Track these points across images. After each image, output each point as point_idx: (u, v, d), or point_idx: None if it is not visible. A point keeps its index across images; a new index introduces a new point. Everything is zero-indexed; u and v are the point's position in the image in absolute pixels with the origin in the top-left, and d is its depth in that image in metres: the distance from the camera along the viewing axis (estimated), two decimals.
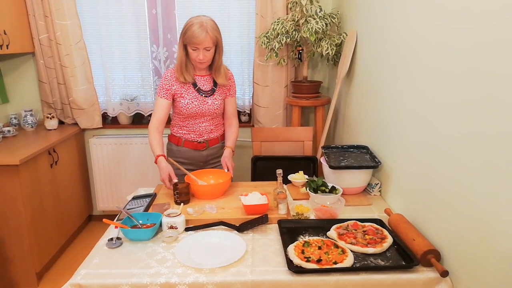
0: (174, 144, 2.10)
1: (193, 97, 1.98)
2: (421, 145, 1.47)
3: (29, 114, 2.87)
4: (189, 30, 1.84)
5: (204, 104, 2.00)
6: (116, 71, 2.99)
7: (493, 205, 1.07)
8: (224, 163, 1.98)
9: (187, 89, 1.98)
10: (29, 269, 2.41)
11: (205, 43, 1.84)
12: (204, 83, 2.01)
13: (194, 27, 1.82)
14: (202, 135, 2.07)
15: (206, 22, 1.84)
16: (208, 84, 2.02)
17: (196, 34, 1.81)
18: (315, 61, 3.01)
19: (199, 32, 1.81)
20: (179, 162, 2.04)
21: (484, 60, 1.09)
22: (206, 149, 2.09)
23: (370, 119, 2.05)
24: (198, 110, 1.99)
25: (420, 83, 1.48)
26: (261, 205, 1.61)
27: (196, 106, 1.98)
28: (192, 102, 1.98)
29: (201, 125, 2.05)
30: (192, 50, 1.88)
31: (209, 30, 1.83)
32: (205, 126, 2.06)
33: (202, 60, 1.89)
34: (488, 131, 1.08)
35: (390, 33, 1.79)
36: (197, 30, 1.81)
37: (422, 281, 1.25)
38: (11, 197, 2.28)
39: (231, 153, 2.06)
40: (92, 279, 1.24)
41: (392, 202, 1.76)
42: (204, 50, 1.87)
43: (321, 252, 1.33)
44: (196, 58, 1.88)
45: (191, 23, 1.85)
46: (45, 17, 2.74)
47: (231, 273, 1.26)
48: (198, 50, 1.86)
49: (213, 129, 2.09)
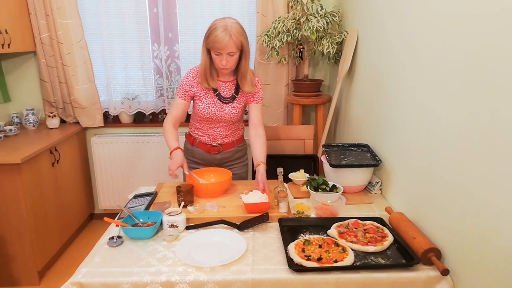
0: (189, 144, 2.07)
1: (211, 102, 1.91)
2: (422, 143, 1.46)
3: (30, 113, 2.88)
4: (212, 33, 1.73)
5: (221, 111, 1.92)
6: (118, 70, 2.99)
7: (495, 203, 1.07)
8: (262, 183, 1.75)
9: (206, 93, 1.90)
10: (31, 267, 2.42)
11: (228, 48, 1.73)
12: (225, 90, 1.92)
13: (218, 30, 1.71)
14: (216, 140, 2.01)
15: (231, 26, 1.72)
16: (229, 90, 1.93)
17: (219, 38, 1.70)
18: (316, 59, 3.01)
19: (222, 36, 1.70)
20: (195, 162, 2.02)
21: (489, 58, 1.08)
22: (220, 152, 2.04)
23: (371, 117, 2.04)
24: (214, 116, 1.92)
25: (421, 81, 1.47)
26: (262, 204, 1.61)
27: (213, 112, 1.91)
28: (209, 108, 1.91)
29: (216, 130, 1.99)
30: (215, 55, 1.77)
31: (233, 34, 1.71)
32: (220, 131, 2.00)
33: (225, 65, 1.78)
34: (491, 129, 1.08)
35: (391, 31, 1.78)
36: (220, 34, 1.70)
37: (423, 279, 1.24)
38: (13, 196, 2.28)
39: (265, 169, 1.83)
40: (93, 278, 1.24)
41: (392, 201, 1.75)
42: (228, 55, 1.75)
43: (322, 250, 1.33)
44: (219, 63, 1.78)
45: (214, 26, 1.73)
46: (47, 16, 2.74)
47: (231, 271, 1.26)
48: (221, 55, 1.76)
49: (228, 135, 2.03)
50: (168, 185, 1.97)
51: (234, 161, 2.10)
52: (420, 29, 1.49)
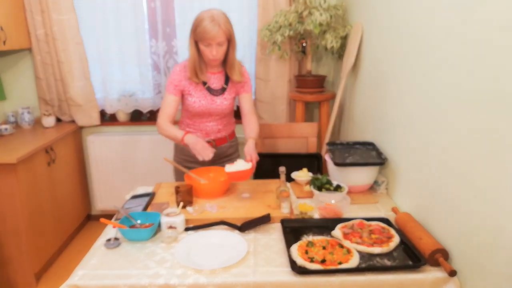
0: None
1: (201, 96, 1.92)
2: (429, 141, 1.43)
3: (26, 112, 2.84)
4: (200, 25, 1.75)
5: (212, 103, 1.93)
6: (114, 66, 2.93)
7: (504, 203, 1.04)
8: (249, 154, 1.80)
9: (196, 87, 1.91)
10: (28, 269, 2.39)
11: (218, 38, 1.75)
12: (215, 81, 1.94)
13: (205, 21, 1.73)
14: (209, 135, 2.02)
15: (218, 16, 1.75)
16: (219, 82, 1.95)
17: (208, 29, 1.72)
18: (319, 54, 2.96)
19: (211, 27, 1.72)
20: (186, 160, 2.00)
21: (498, 53, 1.05)
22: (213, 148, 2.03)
23: (376, 114, 2.01)
24: (206, 109, 1.93)
25: (429, 77, 1.44)
26: (243, 171, 1.62)
27: (204, 105, 1.92)
28: (200, 101, 1.92)
29: (208, 124, 1.99)
30: (204, 46, 1.78)
31: (221, 24, 1.74)
32: (213, 125, 2.00)
33: (216, 56, 1.80)
34: (500, 127, 1.05)
35: (398, 25, 1.75)
36: (209, 25, 1.72)
37: (430, 281, 1.23)
38: (9, 197, 2.26)
39: (254, 144, 1.87)
40: (89, 280, 1.24)
41: (399, 200, 1.73)
42: (217, 45, 1.77)
43: (326, 252, 1.31)
44: (210, 54, 1.79)
45: (201, 18, 1.76)
46: (42, 12, 2.71)
47: (232, 274, 1.24)
48: (211, 46, 1.77)
49: (221, 129, 2.04)
50: (167, 185, 1.94)
51: (226, 157, 2.08)
52: (426, 24, 1.45)
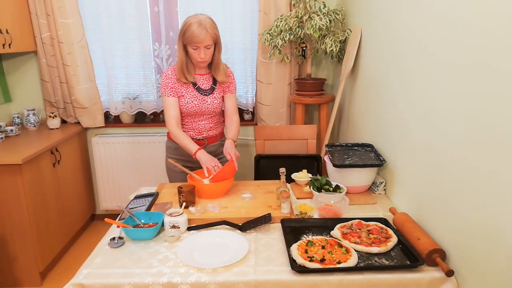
0: (172, 142, 2.09)
1: (193, 96, 2.00)
2: (427, 143, 1.45)
3: (31, 113, 2.87)
4: (189, 30, 1.84)
5: (203, 103, 2.01)
6: (118, 70, 2.98)
7: (501, 203, 1.05)
8: (227, 153, 1.91)
9: (186, 88, 2.00)
10: (33, 268, 2.42)
11: (205, 42, 1.85)
12: (203, 82, 2.03)
13: (193, 26, 1.83)
14: (201, 133, 2.09)
15: (205, 20, 1.85)
16: (207, 82, 2.04)
17: (196, 33, 1.82)
18: (319, 58, 2.99)
19: (199, 31, 1.82)
20: (179, 160, 2.02)
21: (495, 56, 1.07)
22: (205, 146, 2.08)
23: (375, 116, 2.03)
24: (198, 109, 2.01)
25: (426, 80, 1.46)
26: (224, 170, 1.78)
27: (196, 105, 2.00)
28: (192, 101, 2.00)
29: (200, 123, 2.07)
30: (192, 49, 1.89)
31: (208, 28, 1.84)
32: (204, 124, 2.08)
33: (203, 58, 1.90)
34: (496, 128, 1.06)
35: (396, 29, 1.76)
36: (197, 29, 1.82)
37: (427, 280, 1.23)
38: (14, 197, 2.28)
39: (233, 144, 1.97)
40: (94, 279, 1.24)
41: (397, 201, 1.74)
42: (205, 48, 1.88)
43: (325, 251, 1.32)
44: (198, 57, 1.89)
45: (189, 23, 1.85)
46: (47, 16, 2.74)
47: (233, 272, 1.25)
48: (199, 49, 1.87)
49: (212, 127, 2.11)
50: (170, 185, 1.97)
51: (217, 156, 2.10)
52: (424, 27, 1.47)
